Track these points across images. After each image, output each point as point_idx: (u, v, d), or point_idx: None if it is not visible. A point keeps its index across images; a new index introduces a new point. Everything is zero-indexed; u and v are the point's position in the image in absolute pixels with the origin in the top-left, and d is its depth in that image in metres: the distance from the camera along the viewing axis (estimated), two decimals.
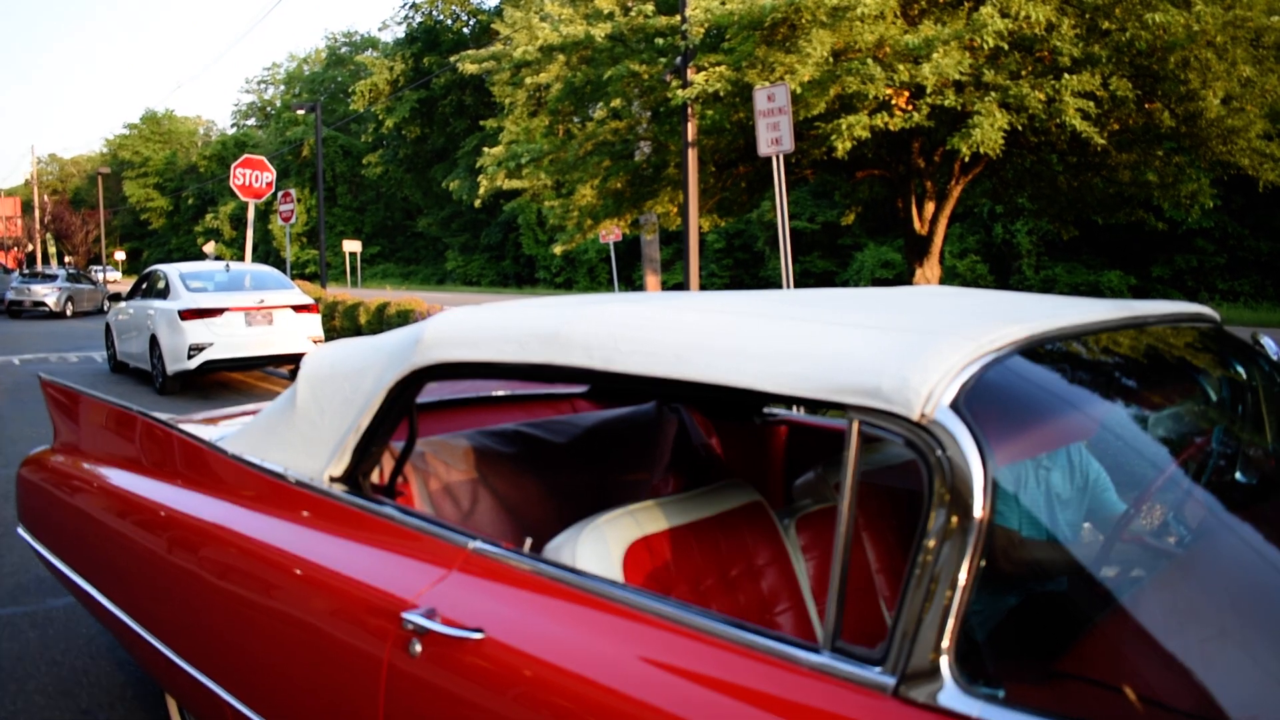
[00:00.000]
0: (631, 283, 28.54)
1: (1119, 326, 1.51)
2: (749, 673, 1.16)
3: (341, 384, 1.85)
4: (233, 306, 9.36)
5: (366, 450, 1.80)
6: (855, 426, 1.16)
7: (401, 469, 1.89)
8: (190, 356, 9.08)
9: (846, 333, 1.26)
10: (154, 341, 9.47)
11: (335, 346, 2.00)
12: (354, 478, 1.82)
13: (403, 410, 1.77)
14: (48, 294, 22.52)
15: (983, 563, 1.04)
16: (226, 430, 2.43)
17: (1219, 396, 1.60)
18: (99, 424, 2.59)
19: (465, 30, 43.01)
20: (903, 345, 1.18)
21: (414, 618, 1.43)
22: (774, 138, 6.75)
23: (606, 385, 1.49)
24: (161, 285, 9.99)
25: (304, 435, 1.91)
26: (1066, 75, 7.48)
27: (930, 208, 10.07)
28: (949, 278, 22.75)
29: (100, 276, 32.31)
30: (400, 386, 1.72)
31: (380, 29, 62.70)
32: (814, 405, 1.21)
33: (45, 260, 41.18)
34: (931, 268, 10.02)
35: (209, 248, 23.35)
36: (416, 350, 1.69)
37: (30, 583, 3.96)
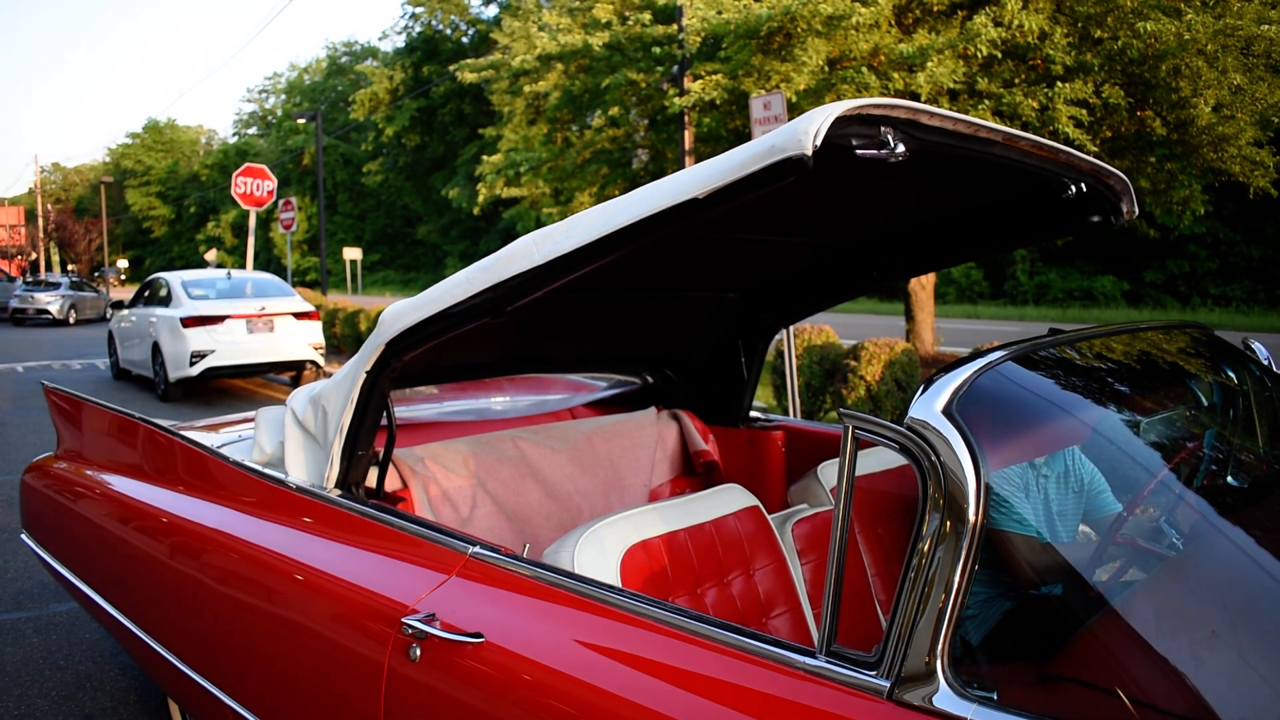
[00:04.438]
0: None
1: (1112, 332, 1.53)
2: (745, 676, 1.17)
3: (320, 403, 1.92)
4: (234, 314, 9.39)
5: (353, 453, 1.82)
6: (851, 431, 1.17)
7: (387, 467, 1.92)
8: (192, 363, 9.10)
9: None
10: (156, 348, 9.50)
11: (313, 383, 2.09)
12: (345, 484, 1.84)
13: (380, 404, 1.80)
14: (51, 302, 22.58)
15: (976, 566, 1.06)
16: (228, 437, 2.44)
17: (1211, 401, 1.61)
18: (102, 430, 2.61)
19: (464, 40, 43.15)
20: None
21: (414, 622, 1.44)
22: None
23: (556, 281, 1.49)
24: (164, 293, 10.03)
25: (294, 455, 1.95)
26: (1059, 83, 7.52)
27: None
28: (943, 283, 22.74)
29: (104, 286, 32.36)
30: (372, 376, 1.76)
31: (380, 39, 62.85)
32: (736, 192, 1.26)
33: (48, 268, 41.21)
34: (925, 274, 10.05)
35: (211, 255, 23.32)
36: (379, 333, 1.74)
37: (33, 588, 3.97)
